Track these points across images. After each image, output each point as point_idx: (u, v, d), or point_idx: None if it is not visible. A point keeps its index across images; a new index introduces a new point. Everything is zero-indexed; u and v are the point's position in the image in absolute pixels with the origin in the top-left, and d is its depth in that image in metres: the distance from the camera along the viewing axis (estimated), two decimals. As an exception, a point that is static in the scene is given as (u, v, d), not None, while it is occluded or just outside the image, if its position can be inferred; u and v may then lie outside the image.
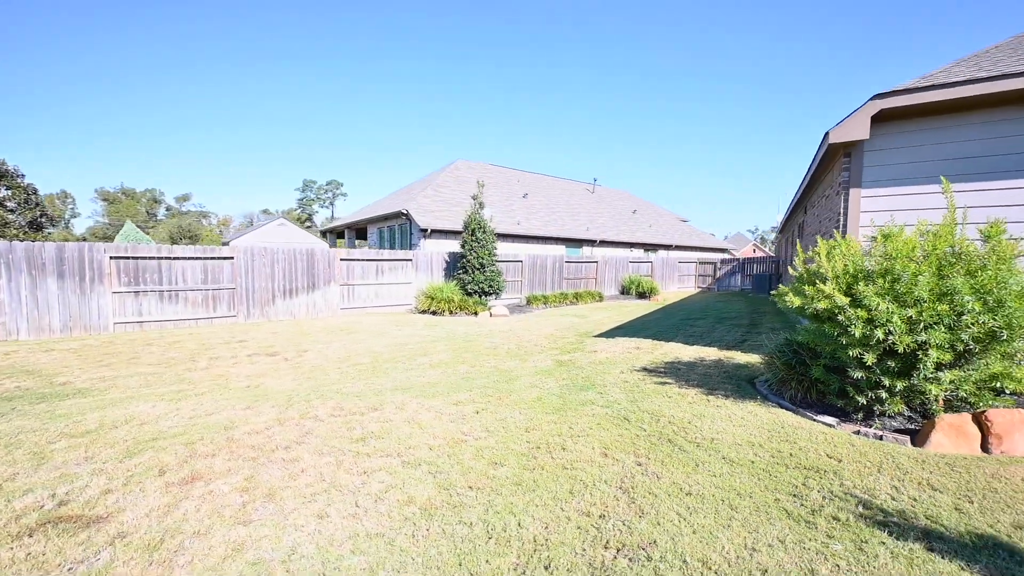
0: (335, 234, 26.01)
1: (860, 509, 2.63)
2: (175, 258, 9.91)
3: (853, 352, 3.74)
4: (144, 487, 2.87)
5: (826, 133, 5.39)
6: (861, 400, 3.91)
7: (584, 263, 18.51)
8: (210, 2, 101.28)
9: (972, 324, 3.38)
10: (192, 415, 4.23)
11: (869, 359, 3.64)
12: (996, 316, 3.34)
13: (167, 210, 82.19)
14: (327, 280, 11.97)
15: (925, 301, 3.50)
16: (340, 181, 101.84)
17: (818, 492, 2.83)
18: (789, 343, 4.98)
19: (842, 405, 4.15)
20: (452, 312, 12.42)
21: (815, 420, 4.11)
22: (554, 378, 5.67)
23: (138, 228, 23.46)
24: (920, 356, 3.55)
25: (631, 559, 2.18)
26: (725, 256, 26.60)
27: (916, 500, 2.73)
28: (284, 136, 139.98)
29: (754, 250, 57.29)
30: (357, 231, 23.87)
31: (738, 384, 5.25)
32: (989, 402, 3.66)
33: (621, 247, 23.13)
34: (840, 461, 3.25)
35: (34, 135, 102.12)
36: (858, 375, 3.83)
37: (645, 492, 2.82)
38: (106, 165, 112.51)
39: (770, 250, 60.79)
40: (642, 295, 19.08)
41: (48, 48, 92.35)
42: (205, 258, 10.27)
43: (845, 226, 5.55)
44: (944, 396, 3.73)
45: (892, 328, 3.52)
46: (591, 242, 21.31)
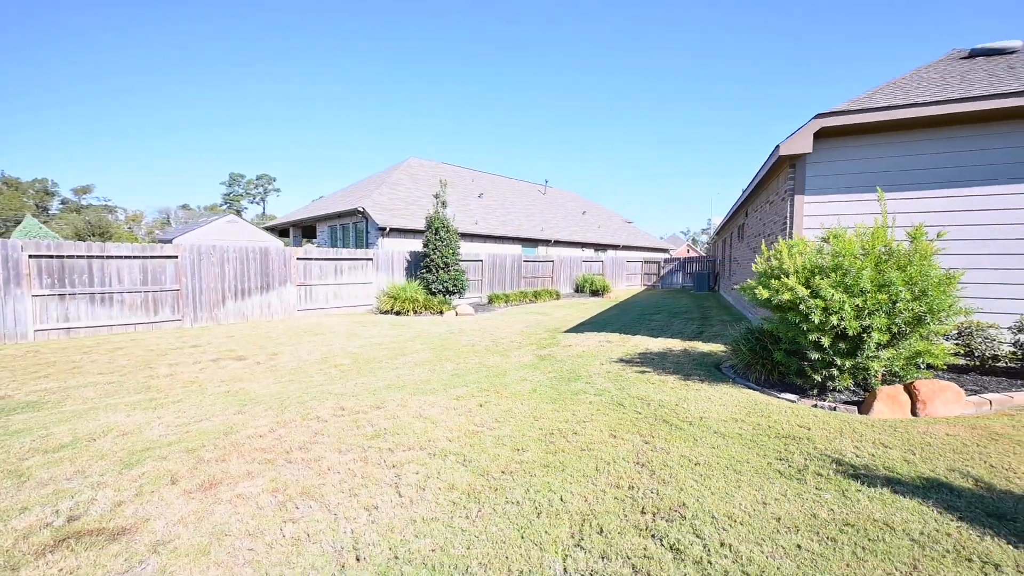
0: (277, 232, 24.49)
1: (835, 466, 3.13)
2: (108, 257, 8.95)
3: (812, 336, 4.34)
4: (162, 496, 2.72)
5: (777, 146, 6.12)
6: (817, 378, 4.55)
7: (541, 262, 19.01)
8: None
9: (904, 310, 4.09)
10: (180, 423, 3.97)
11: (826, 342, 4.26)
12: (922, 303, 4.06)
13: (63, 203, 72.31)
14: (283, 280, 11.37)
15: (868, 292, 4.17)
16: (272, 176, 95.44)
17: (799, 455, 3.31)
18: (751, 332, 5.61)
19: (801, 383, 4.78)
20: (417, 312, 12.30)
21: (779, 397, 4.70)
22: (540, 371, 5.92)
23: (41, 224, 20.50)
24: (864, 338, 4.22)
25: (668, 520, 2.47)
26: (668, 256, 28.45)
27: (874, 456, 3.28)
28: (205, 128, 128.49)
29: (688, 250, 61.45)
30: (304, 229, 22.67)
31: (708, 370, 5.81)
32: (915, 375, 4.43)
33: (574, 247, 23.97)
34: (809, 429, 3.79)
35: None
36: (815, 356, 4.45)
37: (660, 465, 3.14)
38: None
39: (702, 250, 65.45)
40: (595, 293, 19.95)
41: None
42: (145, 257, 9.37)
43: (791, 228, 6.34)
44: (881, 371, 4.44)
45: (844, 315, 4.15)
46: (546, 242, 21.89)
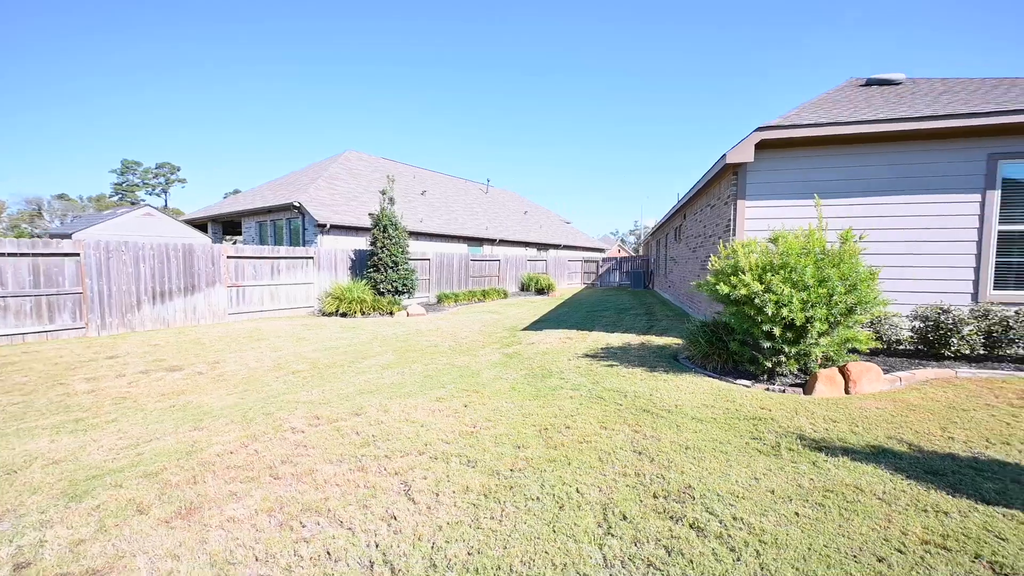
0: (193, 227, 21.98)
1: (800, 441, 3.52)
2: (-12, 254, 7.49)
3: (766, 327, 4.82)
4: (133, 528, 2.36)
5: (723, 155, 6.71)
6: (768, 364, 5.06)
7: (488, 261, 19.03)
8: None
9: (840, 302, 4.69)
10: (125, 445, 3.46)
11: (777, 332, 4.76)
12: (852, 296, 4.69)
13: None
14: (211, 281, 10.26)
15: (811, 286, 4.72)
16: (176, 165, 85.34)
17: (769, 433, 3.67)
18: (706, 326, 6.10)
19: (753, 370, 5.29)
20: (365, 313, 11.74)
21: (736, 383, 5.17)
22: (512, 369, 5.95)
23: None
24: (808, 328, 4.78)
25: (680, 501, 2.63)
26: (605, 256, 29.82)
27: (827, 429, 3.74)
28: (88, 107, 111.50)
29: (619, 250, 64.80)
30: (224, 225, 20.61)
31: (668, 361, 6.22)
32: (845, 358, 5.09)
33: (517, 246, 24.27)
34: (770, 411, 4.22)
35: None
36: (767, 345, 4.96)
37: (655, 452, 3.32)
38: None
39: (630, 250, 69.31)
40: (540, 291, 20.40)
41: None
42: (36, 254, 7.98)
43: (735, 230, 6.98)
44: (820, 356, 5.06)
45: (792, 307, 4.66)
46: (491, 241, 21.93)
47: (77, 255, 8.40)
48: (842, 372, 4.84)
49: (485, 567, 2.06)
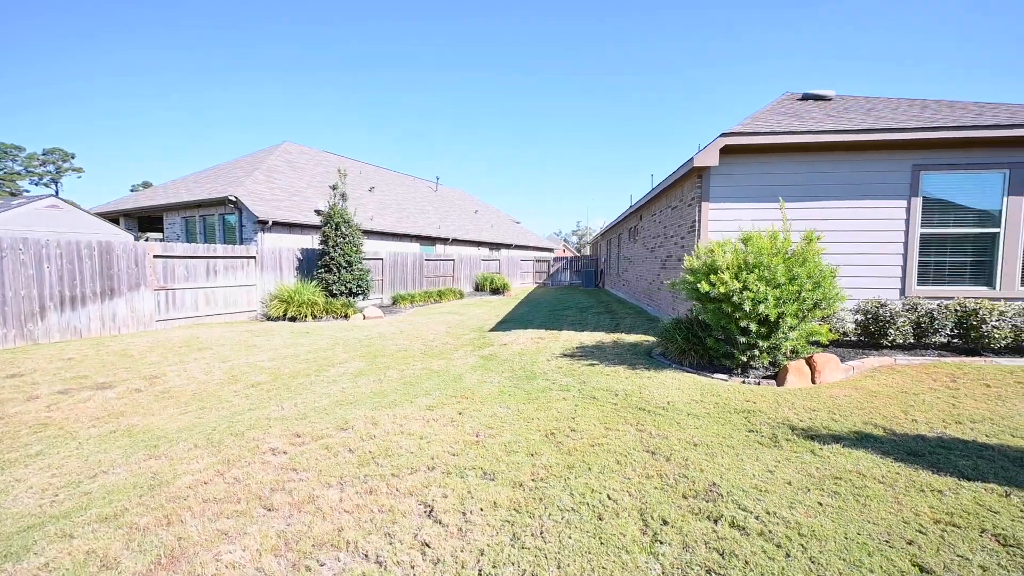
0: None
1: (791, 431, 3.71)
2: None
3: (743, 323, 5.07)
4: (105, 589, 1.93)
5: (691, 158, 7.00)
6: (743, 358, 5.33)
7: (442, 261, 18.58)
8: None
9: (807, 298, 5.04)
10: (63, 483, 2.87)
11: (753, 327, 5.02)
12: (818, 292, 5.06)
13: None
14: (134, 284, 9.02)
15: (783, 284, 5.03)
16: (70, 152, 74.72)
17: (763, 425, 3.83)
18: (680, 323, 6.32)
19: (728, 364, 5.54)
20: (316, 317, 10.94)
21: (713, 378, 5.39)
22: (494, 372, 5.79)
23: None
24: (779, 323, 5.08)
25: (711, 500, 2.63)
26: (556, 255, 30.33)
27: (811, 418, 3.98)
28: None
29: (563, 250, 66.36)
30: (141, 220, 18.33)
31: (645, 358, 6.36)
32: (808, 351, 5.48)
33: (470, 246, 23.96)
34: (755, 403, 4.42)
35: None
36: (743, 340, 5.21)
37: (668, 450, 3.33)
38: None
39: (575, 250, 71.21)
40: (495, 291, 20.29)
41: None
42: (-98, 253, 6.52)
43: (700, 231, 7.32)
44: (788, 349, 5.41)
45: (767, 304, 4.94)
46: (444, 240, 21.46)
47: (-41, 254, 6.99)
48: (808, 363, 5.21)
49: (545, 591, 1.91)
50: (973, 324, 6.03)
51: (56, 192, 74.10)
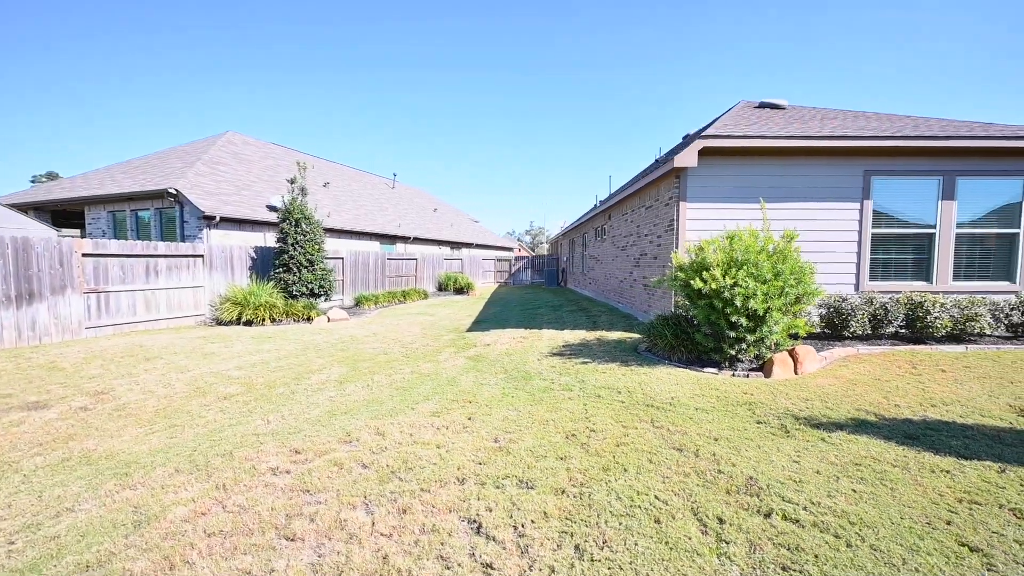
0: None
1: (795, 421, 3.86)
2: None
3: (734, 318, 5.24)
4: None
5: (671, 158, 7.19)
6: (732, 352, 5.52)
7: (405, 260, 17.98)
8: None
9: (791, 293, 5.31)
10: (18, 527, 2.37)
11: (744, 322, 5.21)
12: (800, 287, 5.34)
13: None
14: (59, 286, 7.88)
15: (769, 279, 5.26)
16: (-43, 135, 64.60)
17: (769, 416, 3.96)
18: (667, 319, 6.45)
19: (717, 359, 5.72)
20: (276, 320, 10.14)
21: (704, 372, 5.54)
22: (488, 374, 5.61)
23: None
24: (766, 317, 5.31)
25: (755, 494, 2.64)
26: (518, 254, 30.36)
27: (808, 408, 4.17)
28: None
29: (519, 249, 66.77)
30: (56, 215, 16.17)
31: (634, 355, 6.44)
32: (789, 344, 5.79)
33: (431, 244, 23.40)
34: (752, 395, 4.58)
35: None
36: (732, 334, 5.40)
37: (692, 446, 3.33)
38: None
39: (530, 249, 71.84)
40: (460, 291, 19.95)
41: None
42: None
43: (679, 230, 7.54)
44: (773, 343, 5.67)
45: (757, 299, 5.14)
46: (405, 239, 20.79)
47: None
48: (791, 355, 5.49)
49: (634, 606, 1.79)
50: (919, 315, 6.66)
51: (-65, 182, 63.95)
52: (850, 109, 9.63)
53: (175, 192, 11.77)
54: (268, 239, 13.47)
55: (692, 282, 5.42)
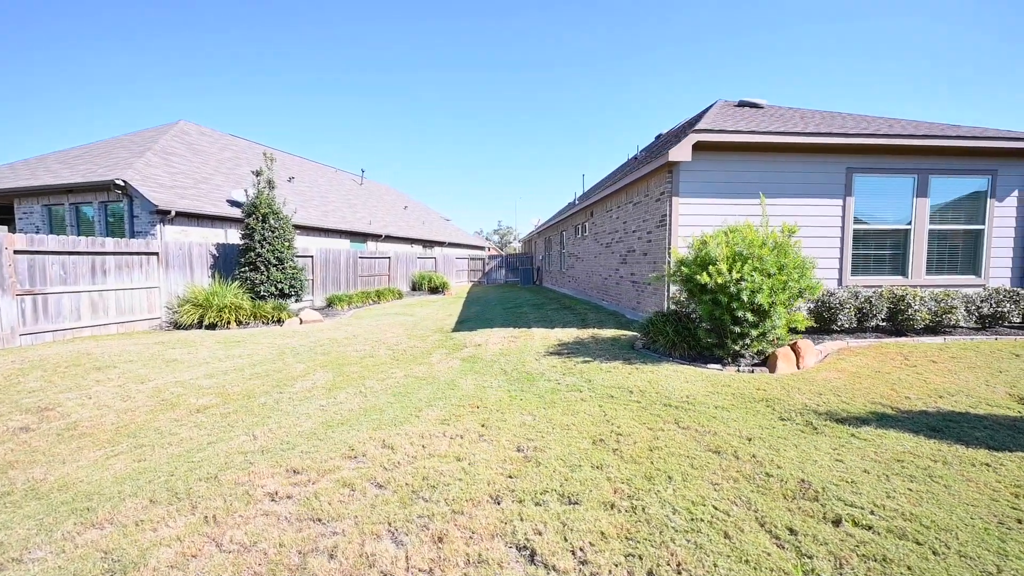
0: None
1: (818, 416, 3.77)
2: None
3: (739, 313, 5.17)
4: None
5: (665, 152, 7.09)
6: (736, 347, 5.45)
7: (378, 259, 17.28)
8: None
9: (793, 287, 5.29)
10: (-54, 588, 1.85)
11: (751, 317, 5.15)
12: (802, 281, 5.33)
13: None
14: (-14, 287, 6.89)
15: (774, 274, 5.22)
16: None
17: (791, 413, 3.86)
18: (666, 316, 6.34)
19: (720, 355, 5.64)
20: (242, 322, 9.37)
21: (709, 369, 5.44)
22: (487, 376, 5.29)
23: None
24: (770, 312, 5.27)
25: (814, 499, 2.48)
26: (491, 253, 30.00)
27: (825, 403, 4.11)
28: None
29: (490, 248, 66.33)
30: (-22, 208, 14.40)
31: (633, 352, 6.28)
32: (789, 338, 5.79)
33: (403, 243, 22.68)
34: (765, 391, 4.49)
35: None
36: (736, 330, 5.33)
37: (729, 447, 3.16)
38: None
39: (498, 248, 71.63)
40: (434, 290, 19.41)
41: None
42: None
43: (671, 225, 7.47)
44: (775, 337, 5.65)
45: (763, 293, 5.08)
46: (376, 237, 20.01)
47: None
48: (793, 349, 5.49)
49: (741, 644, 1.55)
50: (901, 308, 6.87)
51: None
52: (825, 110, 9.93)
53: (123, 184, 10.68)
54: (231, 236, 12.52)
55: (697, 277, 5.31)
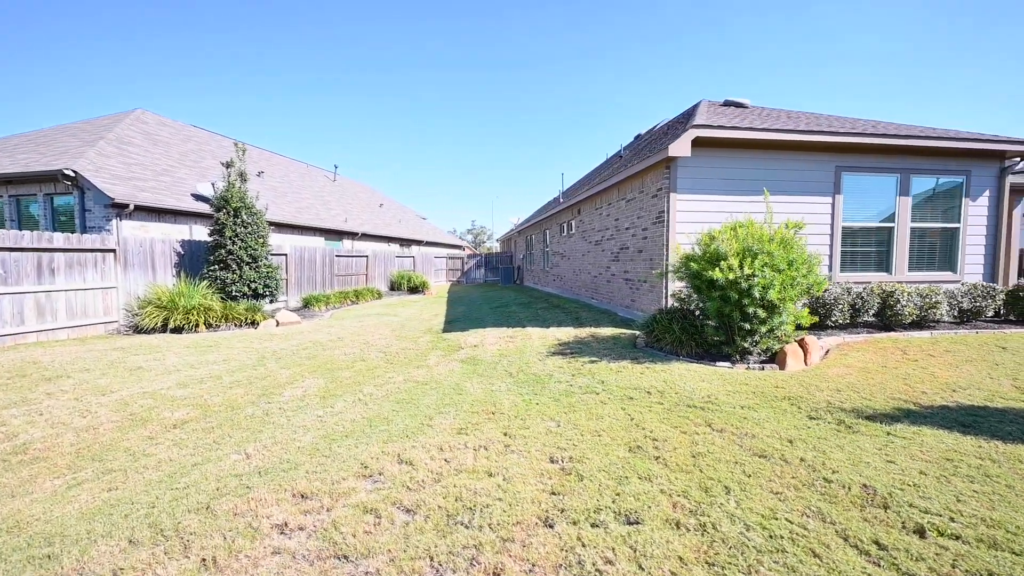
0: None
1: (844, 414, 3.67)
2: None
3: (750, 309, 5.07)
4: None
5: (666, 147, 6.97)
6: (745, 344, 5.36)
7: (355, 258, 16.59)
8: None
9: (801, 283, 5.24)
10: None
11: (762, 313, 5.05)
12: (810, 277, 5.29)
13: None
14: (-92, 288, 6.00)
15: (784, 269, 5.15)
16: None
17: (820, 412, 3.74)
18: (674, 314, 6.21)
19: (728, 352, 5.53)
20: (213, 325, 8.66)
21: (719, 366, 5.32)
22: (495, 379, 4.98)
23: None
24: (780, 307, 5.20)
25: (883, 506, 2.31)
26: (469, 252, 29.53)
27: (847, 400, 4.02)
28: None
29: (466, 247, 65.65)
30: None
31: (638, 350, 6.10)
32: (795, 334, 5.75)
33: (380, 241, 21.95)
34: (784, 389, 4.39)
35: None
36: (746, 327, 5.23)
37: (774, 452, 2.98)
38: None
39: (472, 247, 71.10)
40: (414, 290, 18.86)
41: None
42: None
43: (669, 221, 7.36)
44: (783, 334, 5.59)
45: (775, 289, 5.00)
46: (352, 235, 19.23)
47: None
48: (801, 346, 5.44)
49: None
50: (890, 304, 7.01)
51: None
52: (810, 111, 10.12)
53: (73, 174, 9.70)
54: (196, 232, 11.64)
55: (706, 273, 5.18)
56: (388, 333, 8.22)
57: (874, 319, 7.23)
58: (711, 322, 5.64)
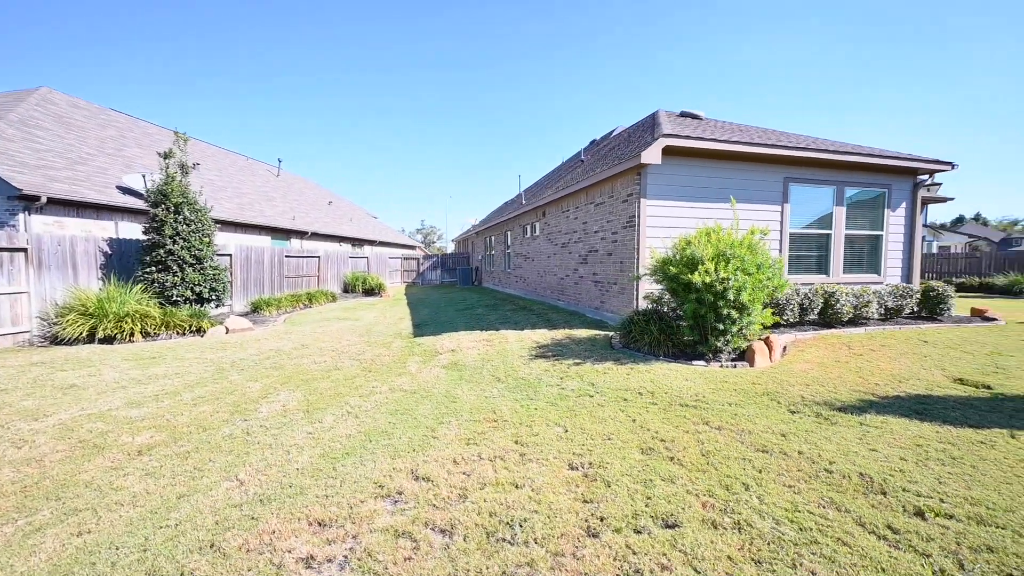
0: None
1: (823, 408, 3.99)
2: None
3: (725, 311, 5.38)
4: None
5: (638, 154, 7.21)
6: (718, 344, 5.67)
7: (306, 259, 15.64)
8: None
9: (768, 285, 5.64)
10: None
11: (735, 314, 5.38)
12: (775, 279, 5.71)
13: None
14: None
15: (753, 273, 5.52)
16: None
17: (797, 405, 4.04)
18: (650, 315, 6.44)
19: (703, 351, 5.83)
20: (151, 334, 7.78)
21: (694, 365, 5.59)
22: (484, 384, 4.91)
23: None
24: (750, 308, 5.57)
25: (880, 491, 2.53)
26: (425, 253, 28.86)
27: (818, 394, 4.38)
28: None
29: (418, 247, 64.16)
30: None
31: (615, 351, 6.27)
32: (761, 333, 6.17)
33: (330, 241, 20.88)
34: (760, 385, 4.69)
35: None
36: (720, 327, 5.54)
37: (773, 446, 3.17)
38: None
39: (425, 247, 69.74)
40: (369, 292, 18.14)
41: None
42: None
43: (640, 226, 7.64)
44: (750, 333, 5.98)
45: (746, 291, 5.34)
46: (301, 234, 18.15)
47: None
48: (766, 343, 5.85)
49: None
50: (831, 303, 7.74)
51: None
52: (755, 125, 10.93)
53: (-33, 160, 8.31)
54: (123, 229, 10.42)
55: (684, 276, 5.43)
56: (355, 339, 7.82)
57: (817, 317, 7.94)
58: (685, 323, 5.92)
